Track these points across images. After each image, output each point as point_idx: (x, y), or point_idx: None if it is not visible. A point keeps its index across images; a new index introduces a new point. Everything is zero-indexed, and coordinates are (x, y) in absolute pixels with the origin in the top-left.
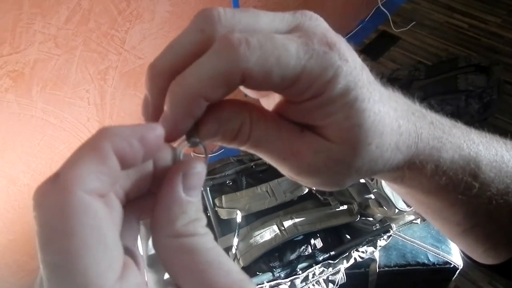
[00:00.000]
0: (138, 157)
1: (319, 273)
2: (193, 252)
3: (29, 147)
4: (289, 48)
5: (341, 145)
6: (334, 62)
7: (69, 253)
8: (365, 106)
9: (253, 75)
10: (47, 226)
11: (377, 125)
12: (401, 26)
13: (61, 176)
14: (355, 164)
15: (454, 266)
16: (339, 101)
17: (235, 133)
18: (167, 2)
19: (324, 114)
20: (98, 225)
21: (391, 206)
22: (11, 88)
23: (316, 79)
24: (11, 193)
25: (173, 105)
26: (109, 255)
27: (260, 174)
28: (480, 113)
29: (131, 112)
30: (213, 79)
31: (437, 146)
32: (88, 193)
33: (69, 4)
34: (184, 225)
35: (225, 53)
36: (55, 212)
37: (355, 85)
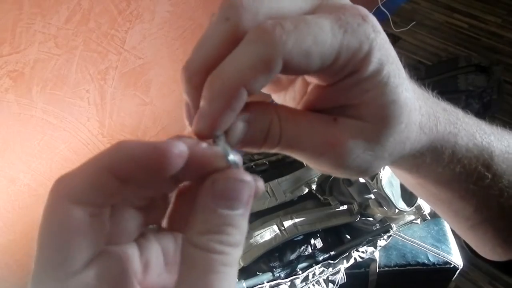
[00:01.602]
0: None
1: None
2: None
3: (29, 147)
4: (323, 26)
5: (376, 124)
6: (369, 34)
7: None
8: (398, 82)
9: (294, 58)
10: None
11: (407, 102)
12: (401, 26)
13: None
14: (389, 145)
15: (454, 266)
16: (375, 77)
17: (264, 133)
18: (167, 2)
19: (360, 92)
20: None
21: (391, 206)
22: (11, 88)
23: (354, 54)
24: (11, 193)
25: (212, 99)
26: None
27: (260, 174)
28: (480, 113)
29: (131, 112)
30: (254, 67)
31: (453, 131)
32: (75, 202)
33: (69, 4)
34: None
35: (262, 39)
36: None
37: (387, 59)
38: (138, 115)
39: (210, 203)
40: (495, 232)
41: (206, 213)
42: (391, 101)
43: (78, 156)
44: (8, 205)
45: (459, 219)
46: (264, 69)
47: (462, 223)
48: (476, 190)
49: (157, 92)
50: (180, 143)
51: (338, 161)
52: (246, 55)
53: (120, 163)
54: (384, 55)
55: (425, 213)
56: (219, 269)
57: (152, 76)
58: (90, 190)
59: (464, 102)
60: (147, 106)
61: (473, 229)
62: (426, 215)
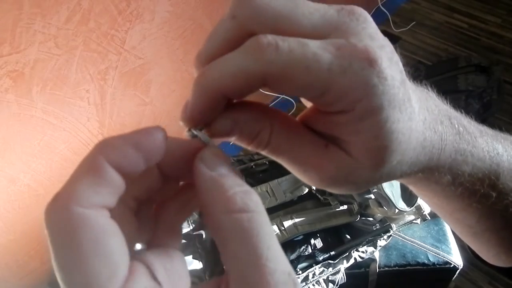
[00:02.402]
0: (136, 163)
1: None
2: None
3: (29, 147)
4: (321, 60)
5: (364, 163)
6: (370, 80)
7: (72, 266)
8: (395, 128)
9: (276, 79)
10: (53, 243)
11: (402, 145)
12: (401, 26)
13: (59, 195)
14: (374, 178)
15: (454, 266)
16: (369, 119)
17: (252, 137)
18: (167, 2)
19: (352, 131)
20: (97, 237)
21: (391, 206)
22: (11, 88)
23: (347, 95)
24: (11, 193)
25: (194, 96)
26: (111, 266)
27: (260, 174)
28: (480, 113)
29: (131, 112)
30: (234, 77)
31: (459, 159)
32: (87, 207)
33: (69, 4)
34: (231, 195)
35: (251, 52)
36: (57, 230)
37: (389, 104)
38: (138, 115)
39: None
40: (498, 241)
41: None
42: (383, 146)
43: (78, 156)
44: (8, 205)
45: (462, 227)
46: (244, 80)
47: (465, 230)
48: (480, 207)
49: (157, 92)
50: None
51: (321, 181)
52: (232, 63)
53: (114, 155)
54: (385, 100)
55: (425, 213)
56: (264, 229)
57: (152, 76)
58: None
59: (464, 102)
60: (147, 106)
61: (476, 236)
62: (426, 215)
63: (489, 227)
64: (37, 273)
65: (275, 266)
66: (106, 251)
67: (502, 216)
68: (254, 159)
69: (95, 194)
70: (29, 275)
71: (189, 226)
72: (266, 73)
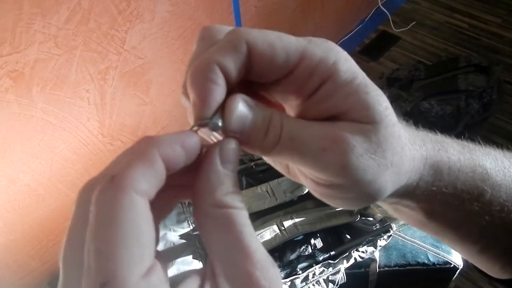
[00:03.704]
0: (181, 161)
1: (319, 273)
2: (230, 225)
3: (29, 147)
4: (288, 35)
5: (370, 123)
6: (333, 47)
7: (110, 242)
8: (377, 90)
9: (258, 45)
10: (99, 217)
11: (392, 112)
12: (401, 26)
13: (118, 177)
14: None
15: (454, 266)
16: (352, 82)
17: (267, 122)
18: (167, 2)
19: (342, 97)
20: (139, 223)
21: None
22: (11, 88)
23: (320, 59)
24: (11, 193)
25: (192, 80)
26: (142, 252)
27: (260, 174)
28: (480, 113)
29: (131, 112)
30: (220, 48)
31: (443, 148)
32: (139, 194)
33: (69, 4)
34: (223, 195)
35: (230, 33)
36: (109, 207)
37: (358, 70)
38: (138, 115)
39: (219, 167)
40: (502, 253)
41: (221, 177)
42: (377, 101)
43: (78, 156)
44: (8, 205)
45: (468, 245)
46: (230, 47)
47: (470, 248)
48: (480, 209)
49: (157, 92)
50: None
51: (343, 158)
52: (217, 45)
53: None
54: (353, 65)
55: None
56: (246, 221)
57: (152, 76)
58: (152, 179)
59: (464, 102)
60: (147, 106)
61: (482, 252)
62: None
63: (492, 240)
64: (37, 273)
65: (256, 247)
66: (144, 238)
67: (501, 218)
68: (254, 159)
69: (147, 182)
70: (29, 275)
71: (189, 226)
72: (247, 38)
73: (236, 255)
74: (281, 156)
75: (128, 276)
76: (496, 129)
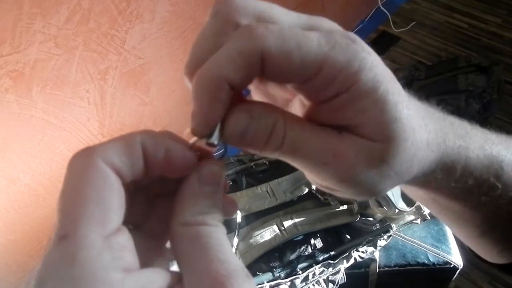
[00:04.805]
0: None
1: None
2: (196, 239)
3: (29, 147)
4: (310, 36)
5: (380, 142)
6: (359, 53)
7: (71, 201)
8: (397, 99)
9: (272, 55)
10: (67, 179)
11: (410, 120)
12: (401, 26)
13: (92, 148)
14: (394, 163)
15: (454, 266)
16: (371, 94)
17: (269, 130)
18: (167, 2)
19: (357, 110)
20: (101, 187)
21: (391, 206)
22: (11, 88)
23: (341, 69)
24: (11, 193)
25: (197, 92)
26: (103, 215)
27: (260, 174)
28: (480, 113)
29: (131, 112)
30: (232, 59)
31: (463, 145)
32: (107, 164)
33: (69, 4)
34: (193, 215)
35: (244, 34)
36: (74, 169)
37: (383, 78)
38: (138, 115)
39: (197, 188)
40: (503, 238)
41: (196, 198)
42: (393, 119)
43: None
44: (8, 205)
45: (468, 228)
46: (242, 61)
47: (471, 232)
48: (487, 201)
49: (157, 92)
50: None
51: (342, 174)
52: (227, 49)
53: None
54: (379, 74)
55: (425, 213)
56: (216, 235)
57: (152, 76)
58: (124, 158)
59: (464, 102)
60: (147, 106)
61: (482, 236)
62: (426, 215)
63: (495, 224)
64: None
65: (226, 257)
66: (106, 202)
67: (507, 211)
68: (254, 159)
69: (118, 158)
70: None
71: None
72: (262, 48)
73: (202, 265)
74: (281, 158)
75: (86, 232)
76: (496, 129)
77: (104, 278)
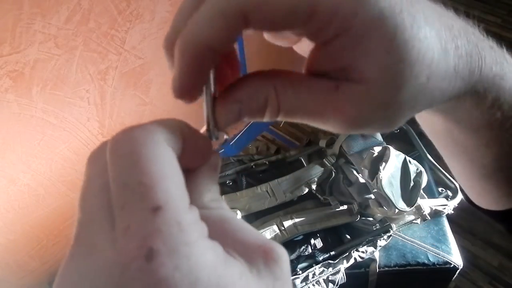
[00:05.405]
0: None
1: (319, 273)
2: (224, 220)
3: (29, 147)
4: None
5: (384, 87)
6: None
7: (155, 175)
8: (408, 36)
9: (257, 11)
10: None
11: (424, 55)
12: None
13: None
14: (405, 102)
15: (454, 266)
16: (374, 33)
17: (262, 108)
18: (167, 2)
19: (359, 53)
20: (174, 163)
21: (391, 206)
22: (11, 88)
23: (337, 9)
24: (11, 193)
25: (178, 59)
26: (183, 188)
27: (260, 174)
28: None
29: (131, 112)
30: (213, 21)
31: (500, 73)
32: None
33: (69, 4)
34: (211, 201)
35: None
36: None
37: (391, 11)
38: (138, 115)
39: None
40: (506, 182)
41: (209, 184)
42: (398, 60)
43: (78, 156)
44: (8, 205)
45: (474, 169)
46: (224, 21)
47: (475, 172)
48: (504, 138)
49: (157, 92)
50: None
51: (347, 124)
52: (206, 9)
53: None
54: (385, 7)
55: (425, 213)
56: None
57: (152, 76)
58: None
59: None
60: (147, 106)
61: (485, 178)
62: (426, 215)
63: (502, 166)
64: (37, 273)
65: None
66: (181, 179)
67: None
68: (254, 159)
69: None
70: (29, 275)
71: None
72: (243, 5)
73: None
74: (285, 119)
75: (179, 205)
76: None
77: (206, 244)
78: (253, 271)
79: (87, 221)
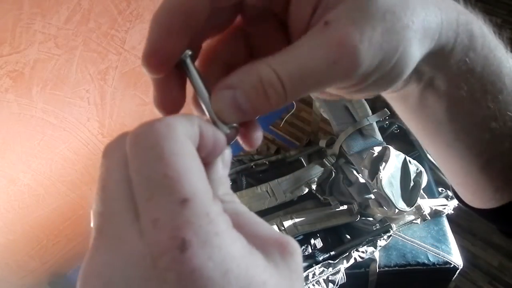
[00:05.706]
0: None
1: (319, 273)
2: (238, 213)
3: (29, 147)
4: None
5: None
6: None
7: (180, 168)
8: None
9: None
10: (159, 149)
11: None
12: None
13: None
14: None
15: (454, 266)
16: None
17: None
18: None
19: None
20: (194, 152)
21: (391, 206)
22: (11, 88)
23: None
24: (11, 193)
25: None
26: (206, 181)
27: (260, 174)
28: None
29: (131, 112)
30: None
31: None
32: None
33: (69, 4)
34: (225, 194)
35: None
36: (167, 140)
37: None
38: (138, 115)
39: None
40: (502, 171)
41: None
42: None
43: (78, 156)
44: (8, 205)
45: (471, 158)
46: None
47: (473, 163)
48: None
49: None
50: None
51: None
52: None
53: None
54: None
55: (425, 213)
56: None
57: None
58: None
59: None
60: (147, 106)
61: (483, 168)
62: (426, 215)
63: (498, 152)
64: (37, 273)
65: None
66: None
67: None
68: (254, 159)
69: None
70: (29, 275)
71: None
72: None
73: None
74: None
75: (206, 197)
76: None
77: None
78: (271, 264)
79: (109, 213)
